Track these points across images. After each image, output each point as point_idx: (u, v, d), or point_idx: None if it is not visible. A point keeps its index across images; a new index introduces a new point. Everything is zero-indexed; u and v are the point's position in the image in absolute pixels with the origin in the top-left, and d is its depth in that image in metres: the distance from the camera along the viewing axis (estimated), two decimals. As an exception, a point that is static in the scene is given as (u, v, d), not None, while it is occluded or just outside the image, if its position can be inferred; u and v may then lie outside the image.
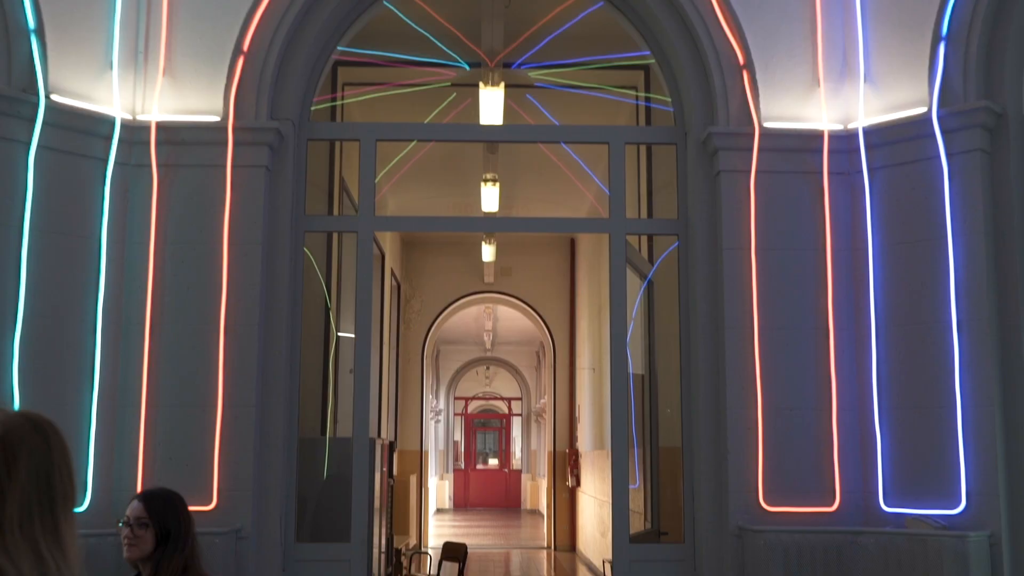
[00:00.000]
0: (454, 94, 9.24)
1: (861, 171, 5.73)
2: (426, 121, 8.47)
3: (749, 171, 5.78)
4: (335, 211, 8.62)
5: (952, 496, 5.27)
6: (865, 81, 5.82)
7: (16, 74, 5.32)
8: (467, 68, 8.32)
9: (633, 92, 9.12)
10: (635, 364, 7.16)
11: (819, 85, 5.89)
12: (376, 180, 6.31)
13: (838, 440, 5.62)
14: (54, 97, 5.40)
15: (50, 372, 5.32)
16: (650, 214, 8.52)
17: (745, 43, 5.93)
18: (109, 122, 5.59)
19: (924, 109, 5.55)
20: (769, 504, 5.56)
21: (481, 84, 8.41)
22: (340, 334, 8.74)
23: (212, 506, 5.42)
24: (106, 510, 5.34)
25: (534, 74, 8.44)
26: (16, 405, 5.09)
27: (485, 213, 11.49)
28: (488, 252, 14.40)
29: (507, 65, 8.40)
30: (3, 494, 1.71)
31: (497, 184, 11.02)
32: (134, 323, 5.58)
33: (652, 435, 7.38)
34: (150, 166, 5.68)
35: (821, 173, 5.79)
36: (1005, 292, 5.33)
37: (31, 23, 5.38)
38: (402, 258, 15.81)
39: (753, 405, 5.63)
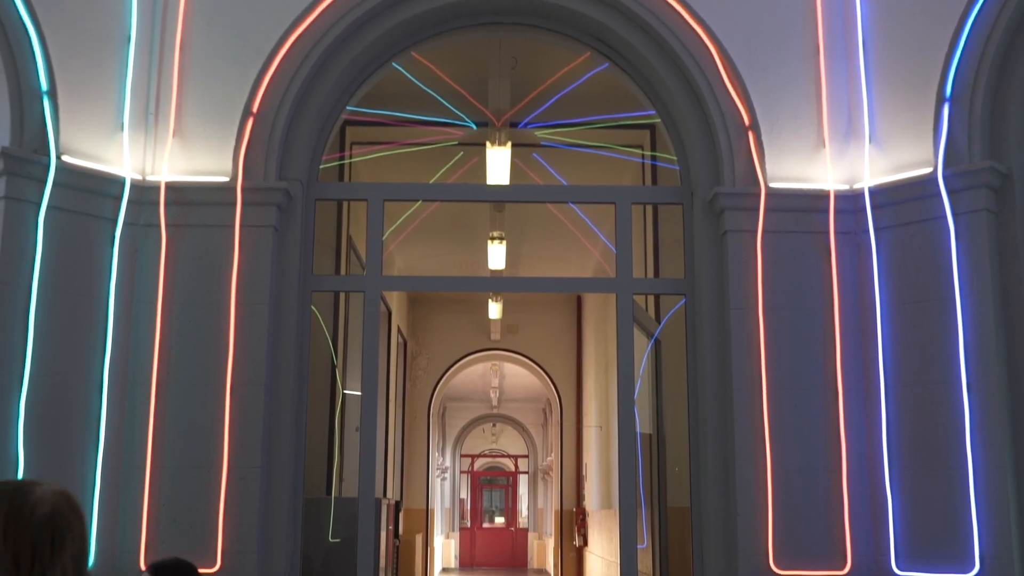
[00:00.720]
0: (461, 153, 9.31)
1: (868, 231, 5.74)
2: (433, 180, 8.52)
3: (756, 231, 5.79)
4: (342, 268, 8.66)
5: (966, 559, 5.19)
6: (870, 141, 5.85)
7: (28, 135, 5.38)
8: (474, 127, 8.40)
9: (639, 151, 9.19)
10: (643, 423, 7.12)
11: (824, 145, 5.93)
12: (384, 237, 6.34)
13: (849, 501, 5.56)
14: (65, 158, 5.45)
15: (55, 432, 5.30)
16: (657, 272, 8.54)
17: (750, 104, 5.97)
18: (119, 183, 5.63)
19: (929, 169, 5.57)
20: (779, 567, 5.49)
21: (488, 143, 8.48)
22: (346, 392, 8.73)
23: (216, 568, 5.37)
24: (110, 572, 5.29)
25: (540, 133, 8.51)
26: (20, 465, 5.07)
27: (492, 271, 11.53)
28: (495, 310, 14.42)
29: (514, 124, 8.48)
30: (44, 574, 1.76)
31: (504, 242, 11.07)
32: (140, 383, 5.58)
33: (660, 495, 7.32)
34: (159, 226, 5.71)
35: (828, 233, 5.80)
36: (1015, 353, 5.31)
37: (44, 85, 5.44)
38: (409, 315, 15.83)
39: (762, 465, 5.58)
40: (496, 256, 11.15)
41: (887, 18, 5.92)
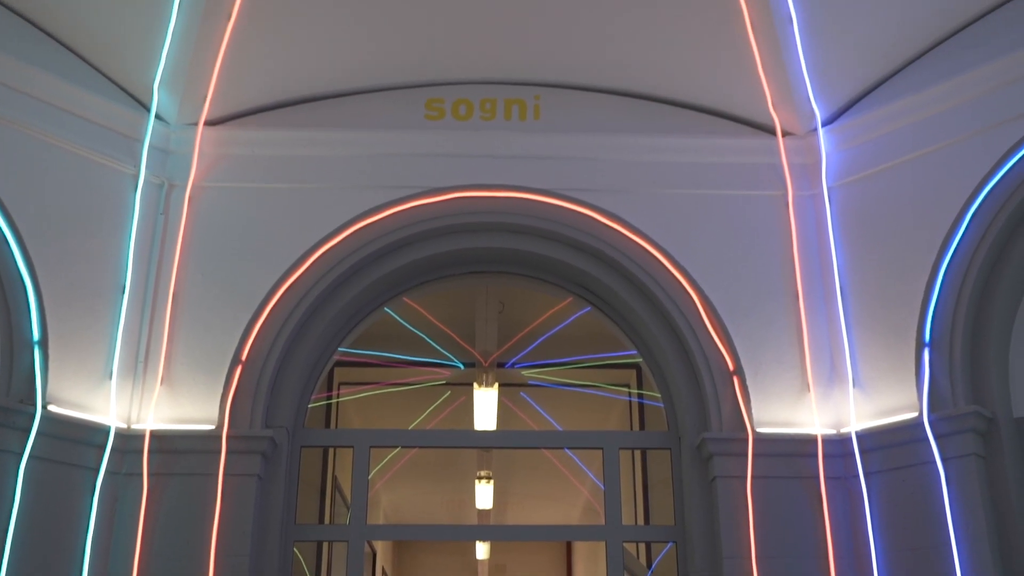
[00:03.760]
0: (448, 392, 9.34)
1: (857, 476, 5.70)
2: (420, 419, 8.51)
3: (745, 476, 5.75)
4: (327, 510, 8.48)
5: None
6: (854, 386, 5.90)
7: (16, 385, 5.38)
8: (461, 368, 8.46)
9: (626, 389, 9.23)
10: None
11: (809, 390, 5.98)
12: (369, 476, 6.26)
13: None
14: (51, 407, 5.44)
15: None
16: (647, 512, 8.39)
17: (734, 349, 6.06)
18: (104, 431, 5.60)
19: (915, 414, 5.59)
20: None
21: (475, 385, 8.52)
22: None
23: None
24: None
25: (527, 373, 8.57)
26: None
27: (479, 510, 11.33)
28: (482, 550, 14.08)
29: (501, 364, 8.55)
30: None
31: (491, 481, 10.93)
32: (112, 641, 5.34)
33: None
34: (141, 475, 5.63)
35: (818, 478, 5.75)
36: (1017, 604, 5.16)
37: (36, 335, 5.51)
38: (394, 556, 15.41)
39: None
40: (484, 495, 10.99)
41: (862, 265, 6.11)
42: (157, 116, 6.34)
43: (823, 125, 6.43)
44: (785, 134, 6.52)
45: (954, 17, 6.12)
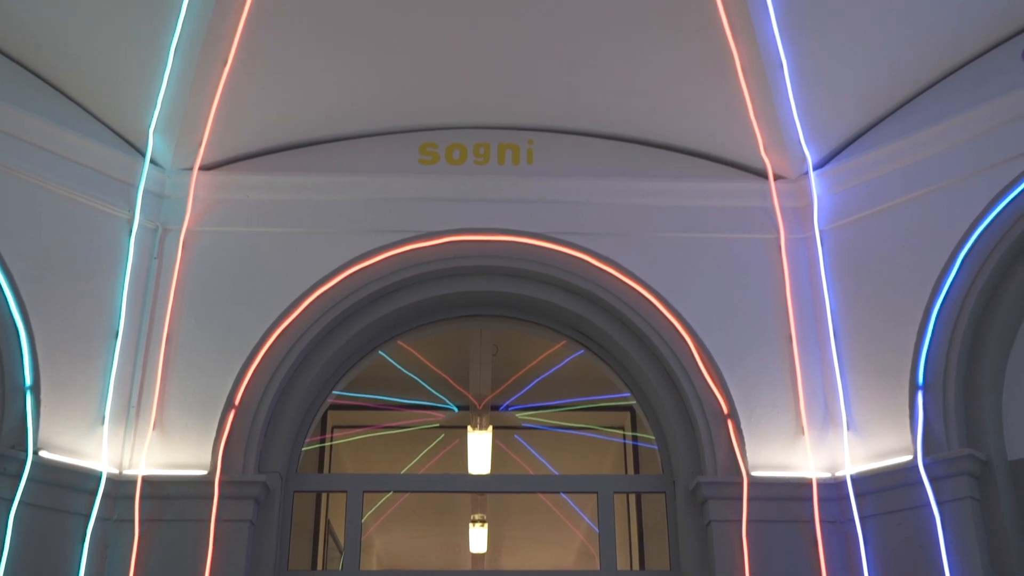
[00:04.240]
0: (442, 435, 9.31)
1: (853, 519, 5.67)
2: (414, 462, 8.48)
3: (740, 520, 5.72)
4: (320, 554, 8.41)
5: None
6: (848, 429, 5.90)
7: (7, 431, 5.36)
8: (456, 410, 8.44)
9: (620, 431, 9.20)
10: None
11: (804, 433, 5.97)
12: (363, 520, 6.23)
13: None
14: (42, 453, 5.41)
15: None
16: (642, 556, 8.33)
17: (728, 392, 6.06)
18: (95, 477, 5.56)
19: (909, 457, 5.58)
20: None
21: (469, 428, 8.49)
22: None
23: None
24: None
25: (522, 415, 8.55)
26: None
27: (473, 554, 11.24)
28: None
29: (495, 407, 8.53)
30: None
31: (486, 525, 10.86)
32: None
33: None
34: (132, 521, 5.59)
35: (813, 522, 5.72)
36: (1015, 649, 5.12)
37: (28, 380, 5.49)
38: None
39: None
40: (478, 539, 10.90)
41: (855, 308, 6.12)
42: (152, 161, 6.36)
43: (814, 169, 6.49)
44: (777, 178, 6.56)
45: (943, 62, 6.20)
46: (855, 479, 5.73)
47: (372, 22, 6.06)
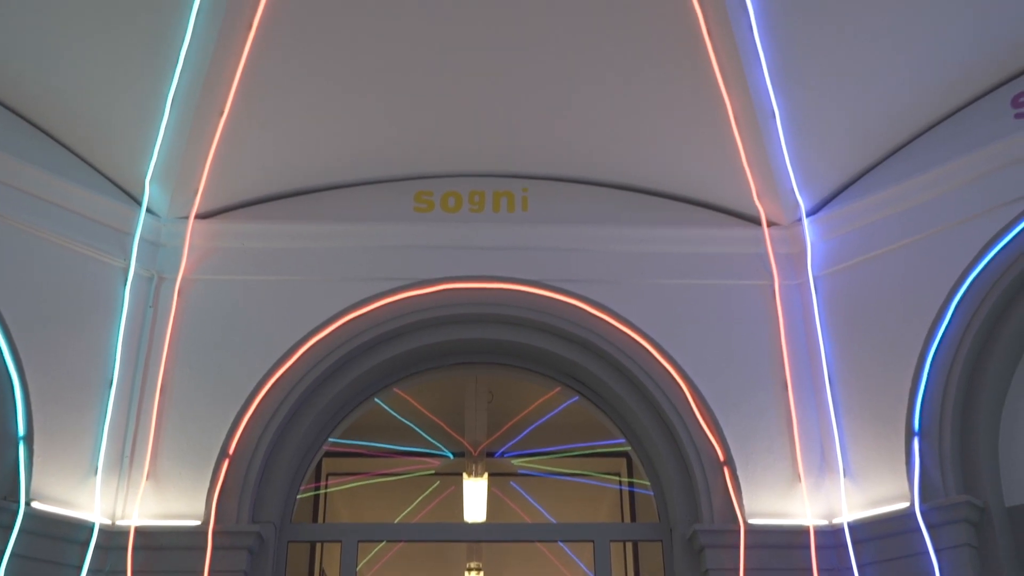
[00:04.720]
0: (438, 482, 9.25)
1: (851, 567, 5.63)
2: (409, 508, 8.42)
3: (737, 569, 5.67)
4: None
5: None
6: (845, 476, 5.87)
7: (0, 481, 5.32)
8: (451, 457, 8.40)
9: (616, 478, 9.16)
10: None
11: (800, 480, 5.94)
12: (358, 567, 6.17)
13: None
14: (35, 504, 5.37)
15: None
16: (640, 605, 8.26)
17: (724, 439, 6.04)
18: (88, 528, 5.52)
19: (907, 504, 5.56)
20: None
21: (465, 475, 8.44)
22: None
23: None
24: None
25: (517, 462, 8.51)
26: None
27: (469, 602, 11.12)
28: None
29: (490, 454, 8.49)
30: None
31: (481, 573, 10.75)
32: None
33: None
34: (125, 573, 5.53)
35: (810, 570, 5.68)
36: None
37: (22, 430, 5.46)
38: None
39: None
40: (474, 587, 10.79)
41: (850, 354, 6.13)
42: (148, 210, 6.38)
43: (808, 215, 6.52)
44: (770, 224, 6.60)
45: (936, 109, 6.26)
46: (852, 526, 5.70)
47: (368, 73, 6.12)
